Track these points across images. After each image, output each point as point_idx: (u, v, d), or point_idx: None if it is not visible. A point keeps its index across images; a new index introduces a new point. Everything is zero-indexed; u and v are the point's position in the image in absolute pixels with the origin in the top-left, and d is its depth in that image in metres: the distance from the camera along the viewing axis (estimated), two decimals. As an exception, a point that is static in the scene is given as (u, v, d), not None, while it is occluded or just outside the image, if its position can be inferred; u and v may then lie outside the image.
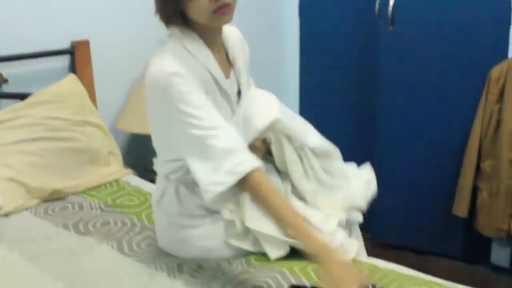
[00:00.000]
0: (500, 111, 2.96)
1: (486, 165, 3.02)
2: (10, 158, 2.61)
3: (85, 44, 3.03)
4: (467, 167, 3.05)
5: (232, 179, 1.72)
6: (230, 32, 2.01)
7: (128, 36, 3.19)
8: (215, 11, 1.77)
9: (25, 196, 2.56)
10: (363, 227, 2.24)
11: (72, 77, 2.96)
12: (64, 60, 3.03)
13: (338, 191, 2.10)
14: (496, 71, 2.94)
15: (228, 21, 1.84)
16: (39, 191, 2.58)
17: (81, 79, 2.99)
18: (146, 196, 2.57)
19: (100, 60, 3.09)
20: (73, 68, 3.03)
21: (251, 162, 1.75)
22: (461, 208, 3.10)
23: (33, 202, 2.56)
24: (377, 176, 2.19)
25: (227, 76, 1.95)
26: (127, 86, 3.17)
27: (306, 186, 2.06)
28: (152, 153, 2.06)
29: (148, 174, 2.95)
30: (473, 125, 3.02)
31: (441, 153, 3.20)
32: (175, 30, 1.87)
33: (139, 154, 3.24)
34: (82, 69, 3.02)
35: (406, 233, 3.43)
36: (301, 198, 2.07)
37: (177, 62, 1.79)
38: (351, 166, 2.21)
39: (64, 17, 2.98)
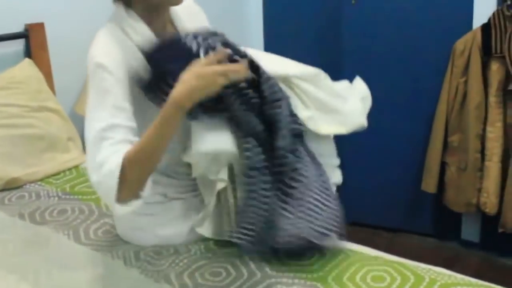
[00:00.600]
0: (465, 84, 2.93)
1: (453, 139, 3.00)
2: (-37, 146, 2.52)
3: (40, 27, 2.92)
4: (434, 142, 3.02)
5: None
6: (182, 7, 1.90)
7: (85, 17, 3.08)
8: None
9: (-20, 186, 2.48)
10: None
11: (27, 61, 2.87)
12: (19, 44, 2.93)
13: (337, 112, 1.99)
14: (460, 43, 2.91)
15: (179, 2, 1.79)
16: (-5, 180, 2.50)
17: (37, 63, 2.89)
18: (105, 182, 2.49)
19: (56, 43, 2.99)
20: (28, 53, 2.93)
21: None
22: (429, 184, 3.07)
23: (-11, 191, 2.48)
24: (344, 155, 2.13)
25: None
26: (84, 69, 3.05)
27: (305, 113, 1.93)
28: None
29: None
30: (439, 99, 2.98)
31: (408, 129, 3.16)
32: (118, 10, 1.81)
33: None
34: (38, 54, 2.93)
35: (377, 212, 3.40)
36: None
37: (109, 49, 1.73)
38: (344, 83, 2.11)
39: (18, -1, 2.88)
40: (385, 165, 3.28)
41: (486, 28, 2.83)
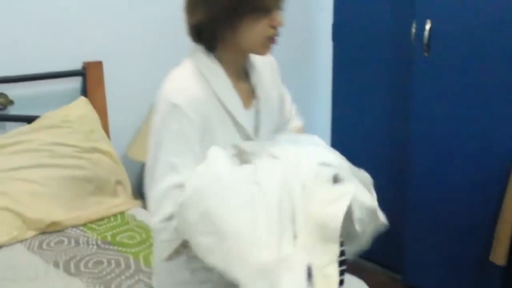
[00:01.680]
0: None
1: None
2: (7, 185, 2.44)
3: (97, 65, 2.86)
4: (506, 212, 2.77)
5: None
6: (262, 60, 1.88)
7: (143, 57, 3.02)
8: (269, 39, 1.71)
9: (21, 227, 2.39)
10: (393, 268, 1.97)
11: (83, 100, 2.80)
12: (76, 82, 2.87)
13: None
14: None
15: (268, 53, 1.77)
16: (37, 222, 2.41)
17: (92, 102, 2.82)
18: (149, 233, 2.37)
19: (113, 82, 2.92)
20: (84, 91, 2.86)
21: None
22: (499, 256, 2.81)
23: (29, 234, 2.39)
24: (409, 213, 1.93)
25: (247, 106, 1.80)
26: (142, 111, 2.98)
27: None
28: None
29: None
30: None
31: (478, 193, 2.92)
32: (197, 52, 1.76)
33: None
34: (94, 92, 2.86)
35: (439, 277, 3.15)
36: None
37: (187, 90, 1.68)
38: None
39: (76, 36, 2.82)
40: (451, 228, 3.04)
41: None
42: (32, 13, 2.69)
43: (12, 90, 2.67)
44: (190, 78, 1.71)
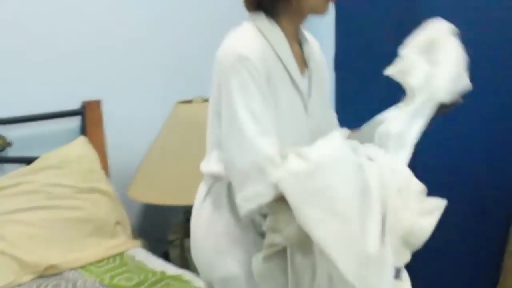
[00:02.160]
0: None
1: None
2: (4, 229, 2.42)
3: (96, 105, 2.84)
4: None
5: (276, 192, 1.55)
6: (313, 39, 1.94)
7: (143, 96, 3.00)
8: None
9: (18, 271, 2.35)
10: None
11: (82, 139, 2.77)
12: (75, 121, 2.85)
13: None
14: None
15: (327, 12, 1.78)
16: (34, 266, 2.37)
17: (92, 141, 2.79)
18: (147, 274, 2.33)
19: (113, 121, 2.90)
20: (83, 130, 2.84)
21: None
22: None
23: (26, 278, 2.35)
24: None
25: (301, 72, 1.82)
26: (141, 150, 2.95)
27: None
28: (166, 224, 1.82)
29: (161, 246, 2.72)
30: (509, 238, 2.68)
31: (475, 268, 2.85)
32: (258, 15, 1.74)
33: (153, 225, 3.02)
34: (93, 131, 2.83)
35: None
36: None
37: (251, 45, 1.66)
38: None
39: (74, 75, 2.81)
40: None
41: None
42: (30, 53, 2.69)
43: (10, 131, 2.65)
44: (253, 36, 1.70)
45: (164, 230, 2.93)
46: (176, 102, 2.82)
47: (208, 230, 1.80)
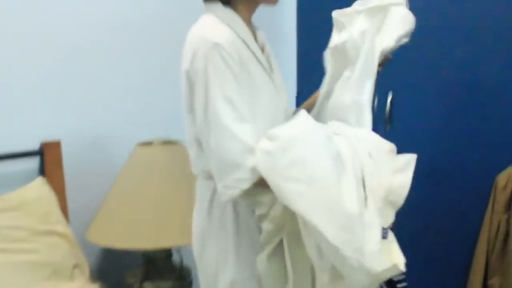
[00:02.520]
0: (508, 221, 2.66)
1: (493, 282, 2.71)
2: (-41, 273, 2.37)
3: (55, 145, 2.81)
4: (473, 285, 2.74)
5: (255, 176, 1.63)
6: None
7: (103, 137, 2.98)
8: None
9: (-28, 319, 2.31)
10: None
11: (40, 180, 2.74)
12: (33, 162, 2.82)
13: None
14: (503, 178, 2.67)
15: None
16: (-12, 313, 2.33)
17: (50, 183, 2.76)
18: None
19: (73, 163, 2.87)
20: (42, 171, 2.81)
21: None
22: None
23: (-19, 324, 2.31)
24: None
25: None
26: (101, 192, 2.92)
27: None
28: (125, 267, 1.81)
29: (120, 288, 2.69)
30: (479, 238, 2.72)
31: (445, 269, 2.89)
32: (214, 6, 1.81)
33: (112, 268, 2.99)
34: (52, 172, 2.80)
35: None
36: None
37: (221, 32, 1.71)
38: None
39: (33, 115, 2.79)
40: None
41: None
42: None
43: (-33, 173, 2.61)
44: (217, 24, 1.75)
45: (123, 273, 2.90)
46: (136, 144, 2.81)
47: (218, 233, 1.84)
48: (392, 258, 1.64)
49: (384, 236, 1.65)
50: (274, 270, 1.77)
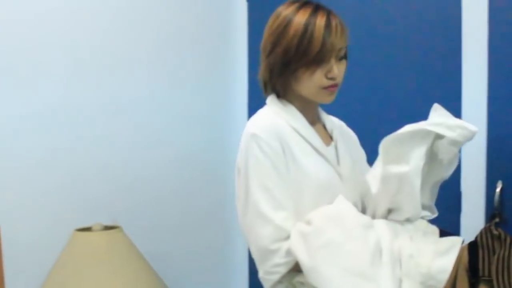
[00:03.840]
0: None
1: None
2: None
3: (-6, 231, 2.75)
4: None
5: (292, 259, 1.72)
6: (334, 119, 2.16)
7: (42, 223, 2.91)
8: (325, 87, 1.87)
9: None
10: None
11: (-23, 266, 2.67)
12: (-29, 249, 2.74)
13: None
14: (447, 263, 2.64)
15: (331, 100, 1.93)
16: None
17: (-12, 268, 2.69)
18: None
19: (11, 248, 2.79)
20: (-20, 259, 2.74)
21: None
22: None
23: None
24: None
25: (327, 144, 1.99)
26: (40, 278, 2.83)
27: None
28: None
29: None
30: None
31: None
32: (271, 99, 1.97)
33: None
34: (-10, 258, 2.74)
35: None
36: None
37: (262, 123, 1.86)
38: None
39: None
40: None
41: (472, 247, 2.57)
42: None
43: None
44: (267, 115, 1.91)
45: None
46: (74, 229, 2.76)
47: None
48: None
49: None
50: None
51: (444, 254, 1.72)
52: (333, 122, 2.11)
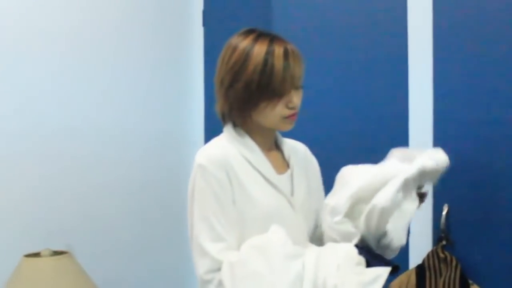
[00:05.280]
0: None
1: None
2: None
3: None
4: None
5: None
6: (296, 144, 2.18)
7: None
8: (287, 117, 1.91)
9: None
10: None
11: None
12: None
13: None
14: (395, 285, 2.65)
15: (291, 127, 1.97)
16: None
17: None
18: None
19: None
20: None
21: None
22: None
23: None
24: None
25: (280, 172, 2.02)
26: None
27: None
28: None
29: None
30: None
31: None
32: (227, 127, 1.99)
33: None
34: None
35: None
36: None
37: (211, 153, 1.89)
38: None
39: None
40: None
41: (420, 270, 2.59)
42: None
43: None
44: (217, 144, 1.94)
45: None
46: (22, 255, 2.72)
47: None
48: None
49: None
50: None
51: (367, 285, 1.74)
52: (293, 148, 2.13)
